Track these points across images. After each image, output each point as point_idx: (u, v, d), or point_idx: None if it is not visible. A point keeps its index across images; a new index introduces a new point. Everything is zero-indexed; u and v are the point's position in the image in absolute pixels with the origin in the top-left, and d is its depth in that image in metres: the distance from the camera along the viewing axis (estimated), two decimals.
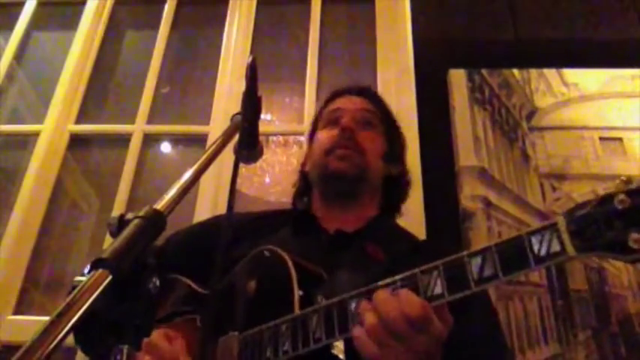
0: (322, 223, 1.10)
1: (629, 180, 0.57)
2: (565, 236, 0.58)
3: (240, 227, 1.12)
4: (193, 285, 1.01)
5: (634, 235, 0.54)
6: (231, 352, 0.82)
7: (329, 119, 1.17)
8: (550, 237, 0.59)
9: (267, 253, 0.90)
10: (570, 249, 0.58)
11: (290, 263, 0.84)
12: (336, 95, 1.25)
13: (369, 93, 1.25)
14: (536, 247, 0.60)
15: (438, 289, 0.65)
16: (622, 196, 0.56)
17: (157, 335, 0.85)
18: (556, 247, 0.59)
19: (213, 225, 1.18)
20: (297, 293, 0.80)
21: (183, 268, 1.04)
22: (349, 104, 1.19)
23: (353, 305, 0.70)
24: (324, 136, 1.15)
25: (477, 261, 0.63)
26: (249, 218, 1.19)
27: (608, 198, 0.57)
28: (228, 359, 0.83)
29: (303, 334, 0.74)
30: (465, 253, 0.65)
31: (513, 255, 0.61)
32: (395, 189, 1.19)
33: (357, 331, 0.66)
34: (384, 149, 1.16)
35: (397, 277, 0.69)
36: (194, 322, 0.95)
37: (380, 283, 0.70)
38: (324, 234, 1.07)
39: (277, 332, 0.77)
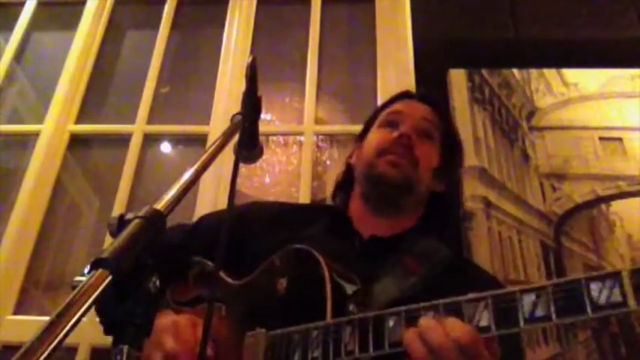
0: (357, 225, 1.07)
1: None
2: (628, 288, 0.57)
3: (274, 216, 1.11)
4: (223, 275, 0.99)
5: None
6: (257, 349, 0.81)
7: (387, 120, 1.14)
8: (611, 286, 0.57)
9: (301, 252, 0.87)
10: (632, 302, 0.56)
11: (324, 267, 0.81)
12: (399, 97, 1.22)
13: (433, 101, 1.20)
14: (595, 294, 0.58)
15: (484, 322, 0.63)
16: None
17: (182, 320, 0.85)
18: (617, 297, 0.57)
19: (247, 212, 1.15)
20: (330, 299, 0.78)
21: (211, 253, 1.00)
22: (412, 110, 1.14)
23: (391, 323, 0.68)
24: (379, 136, 1.12)
25: (530, 299, 0.61)
26: (284, 208, 1.18)
27: None
28: (253, 356, 0.82)
29: (334, 344, 0.72)
30: (517, 289, 0.63)
31: (570, 299, 0.59)
32: (438, 206, 1.14)
33: None
34: (436, 164, 1.11)
35: (440, 302, 0.67)
36: (219, 310, 0.94)
37: (422, 305, 0.68)
38: (357, 238, 1.05)
39: (307, 337, 0.75)
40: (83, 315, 0.43)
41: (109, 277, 0.47)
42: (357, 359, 0.70)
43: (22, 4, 2.34)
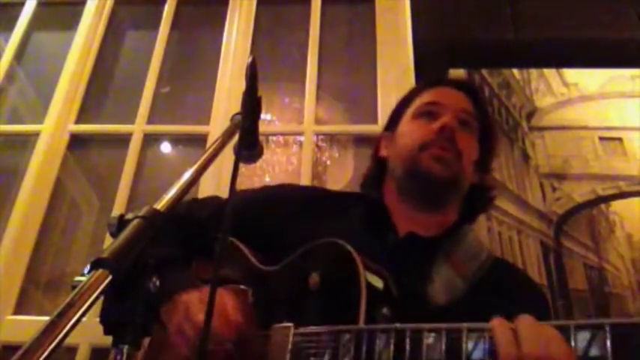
0: (394, 218, 1.02)
1: None
2: None
3: (306, 202, 1.08)
4: (252, 258, 0.97)
5: None
6: (285, 344, 0.79)
7: (424, 111, 1.07)
8: None
9: (336, 247, 0.82)
10: None
11: (360, 266, 0.77)
12: (433, 83, 1.14)
13: (470, 89, 1.14)
14: None
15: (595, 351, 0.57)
16: None
17: (223, 290, 0.84)
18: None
19: (276, 195, 1.13)
20: (365, 302, 0.74)
21: (242, 233, 0.98)
22: (450, 99, 1.08)
23: (430, 340, 0.64)
24: (417, 127, 1.05)
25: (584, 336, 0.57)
26: (316, 194, 1.15)
27: None
28: (280, 350, 0.79)
29: (367, 352, 0.68)
30: (572, 322, 0.59)
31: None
32: (479, 198, 1.11)
33: None
34: (477, 155, 1.07)
35: (486, 325, 0.62)
36: (246, 294, 0.91)
37: (467, 325, 0.63)
38: (393, 233, 1.00)
39: (338, 340, 0.72)
40: (83, 315, 0.43)
41: (109, 277, 0.47)
42: None
43: (22, 4, 2.34)
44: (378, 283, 0.78)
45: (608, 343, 0.55)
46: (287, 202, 1.09)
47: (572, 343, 0.58)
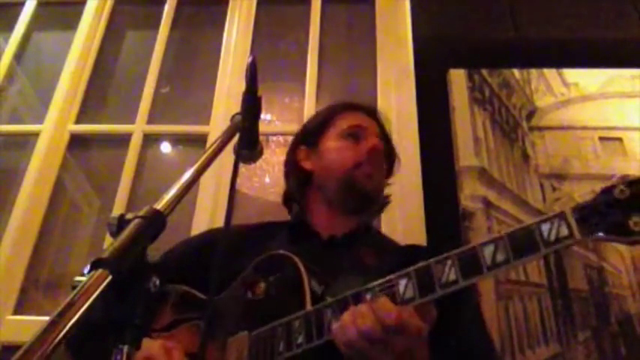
0: (316, 227, 1.14)
1: (626, 175, 0.66)
2: (571, 222, 0.66)
3: (237, 240, 1.13)
4: (195, 292, 1.02)
5: (634, 219, 0.63)
6: (241, 351, 0.84)
7: (351, 132, 1.18)
8: (559, 224, 0.67)
9: (275, 256, 0.92)
10: (577, 233, 0.65)
11: (300, 264, 0.87)
12: (349, 108, 1.26)
13: (378, 116, 1.29)
14: (545, 234, 0.67)
15: (453, 276, 0.71)
16: (621, 187, 0.65)
17: (155, 348, 0.86)
18: (564, 231, 0.66)
19: (209, 238, 1.21)
20: (309, 291, 0.83)
21: (183, 281, 1.05)
22: (370, 125, 1.21)
23: (368, 296, 0.76)
24: (347, 147, 1.16)
25: (489, 249, 0.70)
26: (244, 231, 1.21)
27: (608, 190, 0.67)
28: (237, 357, 0.83)
29: (317, 326, 0.77)
30: (477, 243, 0.71)
31: (524, 241, 0.68)
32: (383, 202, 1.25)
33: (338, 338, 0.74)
34: (386, 169, 1.24)
35: (411, 269, 0.75)
36: (198, 327, 0.96)
37: (397, 274, 0.76)
38: (317, 239, 1.11)
39: (290, 328, 0.80)
40: (83, 315, 0.43)
41: (109, 277, 0.47)
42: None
43: (22, 4, 2.34)
44: (321, 281, 0.88)
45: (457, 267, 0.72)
46: (214, 247, 1.14)
47: (436, 278, 0.73)
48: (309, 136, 1.25)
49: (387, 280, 0.76)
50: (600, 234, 0.65)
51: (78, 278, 0.47)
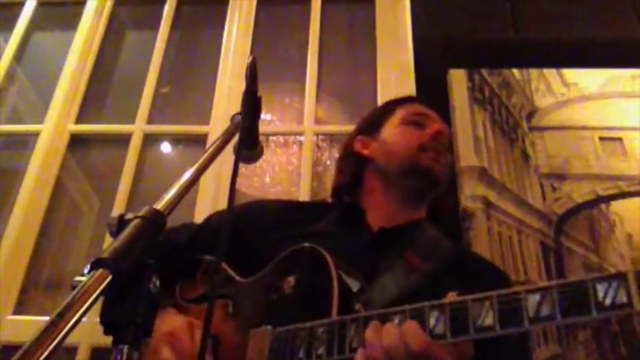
0: (368, 216, 1.09)
1: None
2: (632, 288, 0.57)
3: (280, 213, 1.13)
4: (230, 270, 1.01)
5: None
6: (263, 346, 0.82)
7: (412, 120, 1.15)
8: (617, 287, 0.58)
9: (308, 250, 0.89)
10: (637, 303, 0.57)
11: (331, 266, 0.83)
12: (408, 100, 1.25)
13: (435, 109, 1.26)
14: (600, 296, 0.59)
15: (489, 321, 0.64)
16: None
17: (179, 327, 0.86)
18: (622, 298, 0.58)
19: (250, 211, 1.17)
20: (337, 298, 0.80)
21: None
22: (431, 113, 1.18)
23: (396, 321, 0.70)
24: (411, 132, 1.13)
25: (534, 298, 0.62)
26: (289, 205, 1.19)
27: None
28: (259, 352, 0.83)
29: (339, 341, 0.74)
30: (522, 288, 0.64)
31: (575, 299, 0.60)
32: (442, 205, 1.20)
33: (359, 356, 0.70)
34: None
35: (446, 301, 0.69)
36: (226, 307, 0.95)
37: (427, 304, 0.70)
38: (367, 231, 1.07)
39: (313, 334, 0.77)
40: (83, 315, 0.43)
41: (109, 277, 0.47)
42: None
43: (22, 4, 2.34)
44: (354, 285, 0.85)
45: (496, 311, 0.64)
46: (260, 217, 1.14)
47: (471, 319, 0.65)
48: (369, 126, 1.21)
49: (460, 300, 0.68)
50: None
51: (78, 278, 0.47)
